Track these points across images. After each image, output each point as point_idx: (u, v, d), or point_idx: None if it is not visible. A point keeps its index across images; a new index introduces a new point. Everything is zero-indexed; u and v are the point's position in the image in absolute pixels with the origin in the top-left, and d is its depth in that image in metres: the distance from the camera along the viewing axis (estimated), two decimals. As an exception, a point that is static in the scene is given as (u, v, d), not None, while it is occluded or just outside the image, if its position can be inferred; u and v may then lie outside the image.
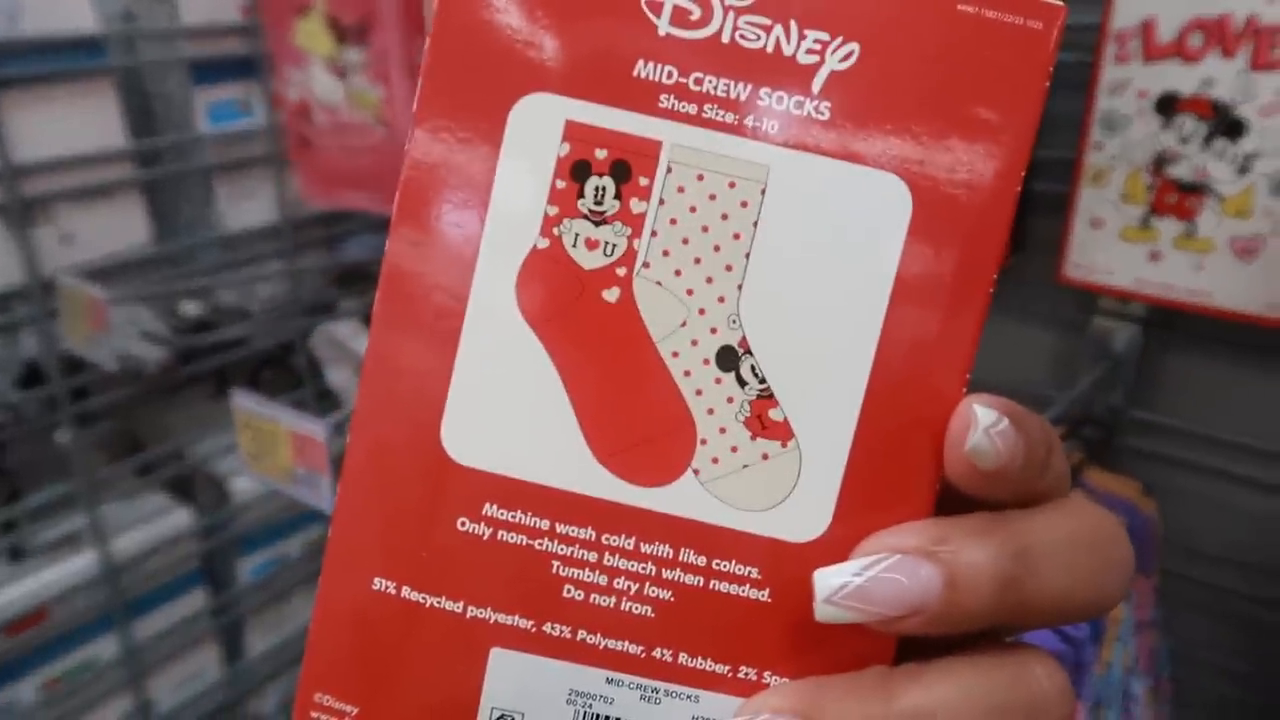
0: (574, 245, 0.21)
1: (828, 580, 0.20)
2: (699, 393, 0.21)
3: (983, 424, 0.20)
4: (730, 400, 0.21)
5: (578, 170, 0.21)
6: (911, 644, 0.21)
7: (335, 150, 0.82)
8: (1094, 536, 0.21)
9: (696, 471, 0.21)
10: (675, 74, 0.21)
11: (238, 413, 0.78)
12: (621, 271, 0.21)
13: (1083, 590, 0.20)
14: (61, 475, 0.92)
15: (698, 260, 0.21)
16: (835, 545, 0.21)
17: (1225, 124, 0.70)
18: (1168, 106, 0.72)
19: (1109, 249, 0.76)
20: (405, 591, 0.22)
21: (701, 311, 0.21)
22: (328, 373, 1.00)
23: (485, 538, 0.22)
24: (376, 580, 0.22)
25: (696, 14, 0.20)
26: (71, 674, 0.93)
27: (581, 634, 0.22)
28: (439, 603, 0.22)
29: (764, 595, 0.22)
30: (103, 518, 0.92)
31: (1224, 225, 0.71)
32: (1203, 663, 0.83)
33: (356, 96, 0.78)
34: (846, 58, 0.20)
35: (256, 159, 0.99)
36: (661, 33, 0.21)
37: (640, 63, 0.21)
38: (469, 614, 0.22)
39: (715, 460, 0.21)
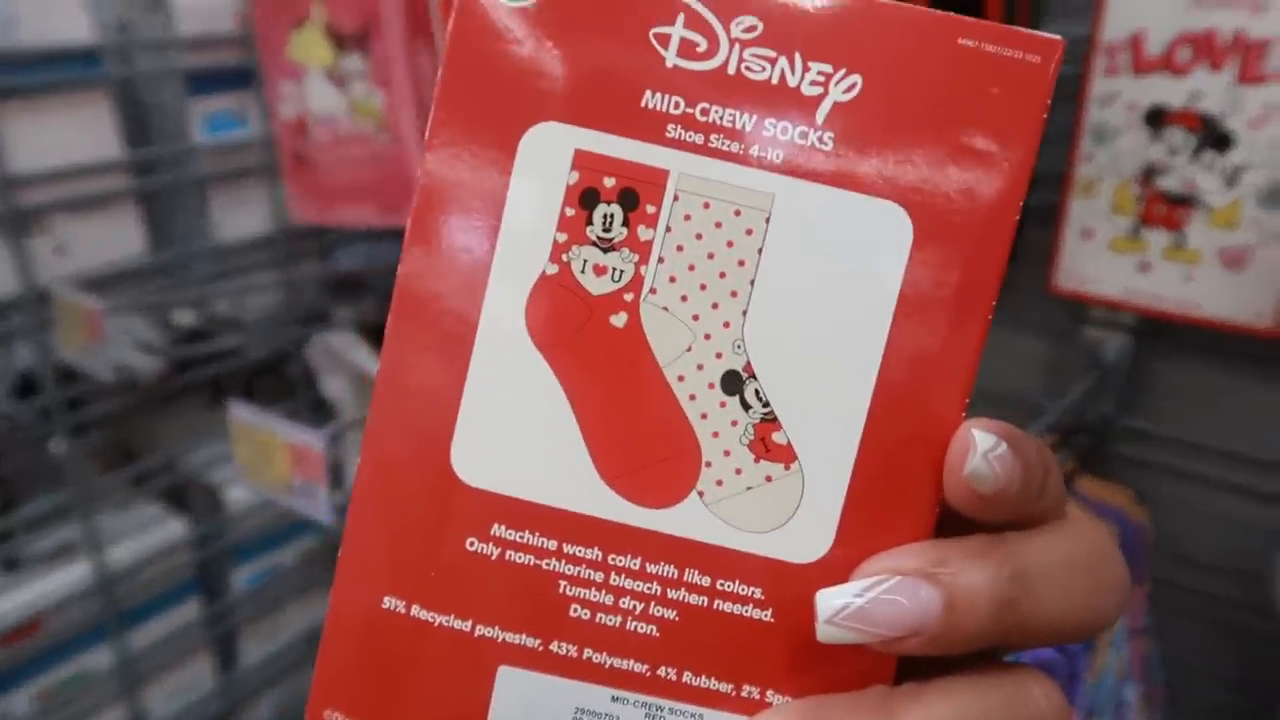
0: (582, 271, 0.22)
1: (829, 601, 0.21)
2: (704, 416, 0.22)
3: (981, 448, 0.20)
4: (735, 424, 0.22)
5: (586, 198, 0.21)
6: (911, 664, 0.22)
7: (333, 165, 0.81)
8: (1090, 558, 0.21)
9: (701, 494, 0.22)
10: (682, 104, 0.21)
11: (234, 423, 0.78)
12: (629, 297, 0.22)
13: (1079, 611, 0.21)
14: (56, 485, 0.92)
15: (703, 286, 0.22)
16: (837, 566, 0.22)
17: (1213, 137, 0.70)
18: (1157, 119, 0.72)
19: (1099, 259, 0.77)
20: (414, 610, 0.22)
21: (707, 337, 0.22)
22: (323, 382, 1.00)
23: (493, 557, 0.22)
24: (386, 599, 0.22)
25: (703, 46, 0.21)
26: (66, 684, 0.93)
27: (588, 653, 0.22)
28: (447, 621, 0.22)
29: (767, 615, 0.22)
30: (97, 528, 0.92)
31: (1212, 236, 0.71)
32: (1195, 669, 0.83)
33: (358, 105, 0.78)
34: (850, 89, 0.21)
35: (251, 169, 0.99)
36: (669, 64, 0.21)
37: (648, 93, 0.21)
38: (477, 632, 0.22)
39: (720, 483, 0.22)
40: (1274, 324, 0.70)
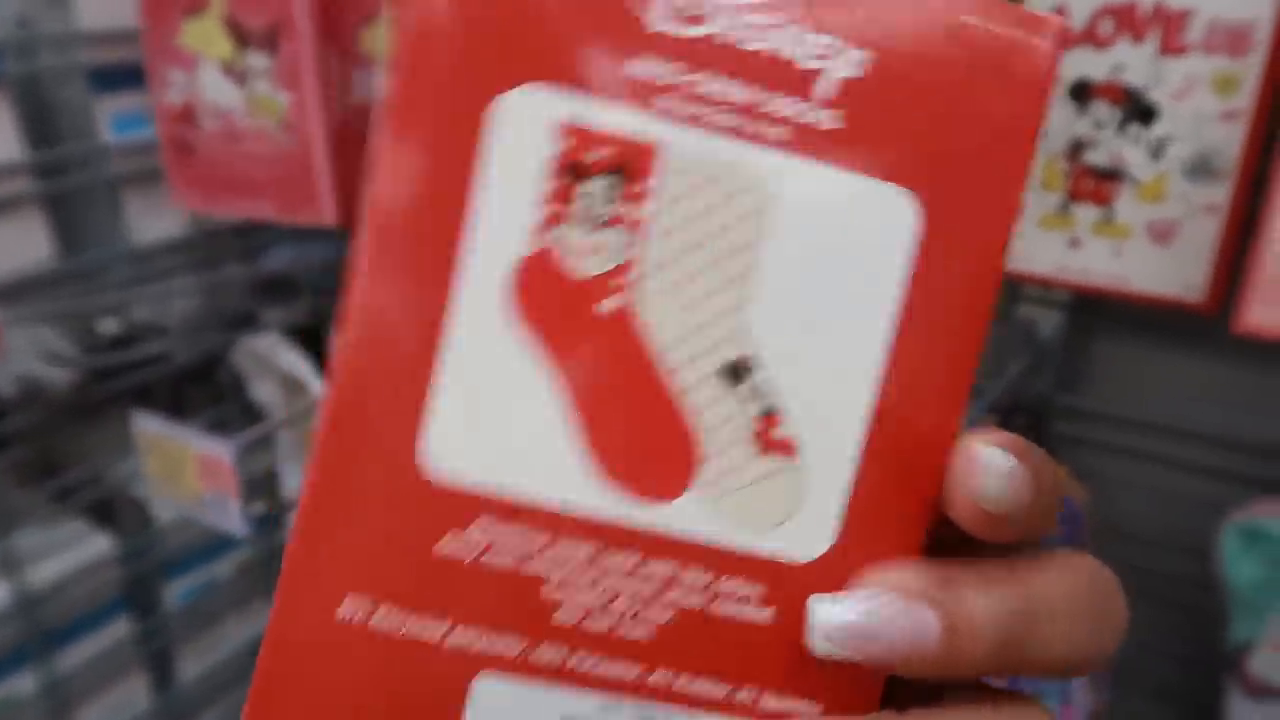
0: (565, 253, 0.20)
1: (825, 615, 0.20)
2: (700, 409, 0.21)
3: (993, 468, 0.20)
4: (733, 417, 0.21)
5: (568, 173, 0.20)
6: (906, 680, 0.21)
7: (225, 157, 0.78)
8: (1094, 594, 0.21)
9: (698, 489, 0.21)
10: (673, 73, 0.20)
11: (142, 435, 0.75)
12: (616, 282, 0.20)
13: (1080, 648, 0.20)
14: (-31, 505, 0.88)
15: (698, 272, 0.20)
16: (838, 565, 0.21)
17: (1138, 109, 0.71)
18: (1082, 93, 0.73)
19: (1030, 237, 0.77)
20: (375, 620, 0.20)
21: (702, 325, 0.21)
22: (251, 387, 0.97)
23: (468, 560, 0.20)
24: (342, 608, 0.20)
25: (696, 10, 0.20)
26: (-10, 713, 0.89)
27: (575, 659, 0.21)
28: (413, 631, 0.20)
29: (765, 616, 0.21)
30: (15, 547, 0.88)
31: (1140, 210, 0.72)
32: (1141, 646, 0.84)
33: (259, 103, 0.75)
34: (852, 64, 0.20)
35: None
36: (658, 29, 0.20)
37: (636, 60, 0.20)
38: (448, 643, 0.21)
39: (718, 478, 0.21)
40: (1203, 297, 0.71)
